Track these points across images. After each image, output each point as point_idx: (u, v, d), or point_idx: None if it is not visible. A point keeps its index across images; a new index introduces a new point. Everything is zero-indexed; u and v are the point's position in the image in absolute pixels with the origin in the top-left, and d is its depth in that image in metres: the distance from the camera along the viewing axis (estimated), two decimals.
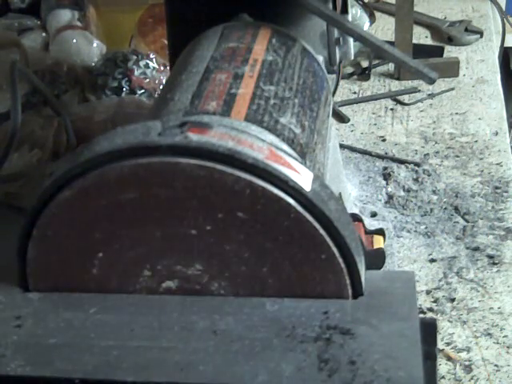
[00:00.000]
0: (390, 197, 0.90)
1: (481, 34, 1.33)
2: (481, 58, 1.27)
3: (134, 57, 1.10)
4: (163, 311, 0.44)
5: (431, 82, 0.67)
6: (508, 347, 0.68)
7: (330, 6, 0.70)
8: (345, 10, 0.70)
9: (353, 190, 0.91)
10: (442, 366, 0.67)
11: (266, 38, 0.63)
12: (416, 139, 1.03)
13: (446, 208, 0.88)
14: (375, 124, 1.09)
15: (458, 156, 0.98)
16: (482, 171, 0.95)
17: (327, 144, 0.63)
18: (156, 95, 1.07)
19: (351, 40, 0.72)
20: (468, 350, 0.68)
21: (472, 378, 0.65)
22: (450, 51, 1.30)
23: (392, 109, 1.13)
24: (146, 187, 0.43)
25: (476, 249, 0.81)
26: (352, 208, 0.84)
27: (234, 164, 0.42)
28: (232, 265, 0.44)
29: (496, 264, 0.79)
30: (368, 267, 0.45)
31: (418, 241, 0.83)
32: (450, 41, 1.32)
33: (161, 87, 1.07)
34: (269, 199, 0.42)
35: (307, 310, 0.43)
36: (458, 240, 0.83)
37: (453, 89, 1.17)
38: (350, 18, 0.70)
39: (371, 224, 0.78)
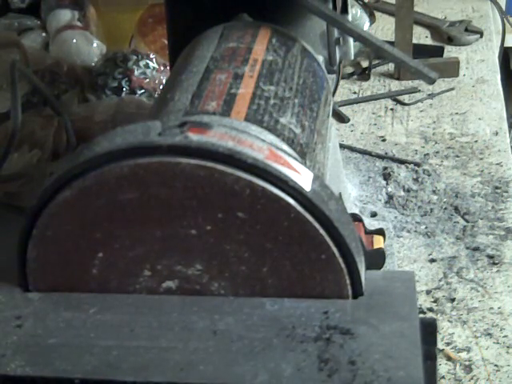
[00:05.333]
0: (390, 197, 0.90)
1: (481, 34, 1.33)
2: (481, 58, 1.27)
3: (134, 57, 1.10)
4: (163, 311, 0.44)
5: (431, 82, 0.67)
6: (508, 347, 0.68)
7: (330, 5, 0.70)
8: (345, 10, 0.70)
9: (353, 190, 0.91)
10: (442, 366, 0.67)
11: (266, 38, 0.63)
12: (416, 139, 1.03)
13: (446, 208, 0.88)
14: (375, 124, 1.09)
15: (458, 156, 0.98)
16: (482, 171, 0.95)
17: (327, 144, 0.63)
18: (156, 95, 1.07)
19: (351, 40, 0.72)
20: (468, 350, 0.68)
21: (472, 378, 0.65)
22: (450, 51, 1.30)
23: (392, 109, 1.13)
24: (145, 187, 0.43)
25: (476, 249, 0.81)
26: (352, 208, 0.84)
27: (234, 164, 0.42)
28: (232, 265, 0.44)
29: (496, 264, 0.79)
30: (368, 267, 0.45)
31: (418, 241, 0.83)
32: (450, 41, 1.32)
33: (161, 87, 1.07)
34: (269, 199, 0.42)
35: (307, 309, 0.43)
36: (458, 240, 0.83)
37: (453, 89, 1.17)
38: (350, 18, 0.70)
39: (371, 224, 0.78)
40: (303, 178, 0.43)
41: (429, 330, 0.41)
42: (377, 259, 0.57)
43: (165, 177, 0.42)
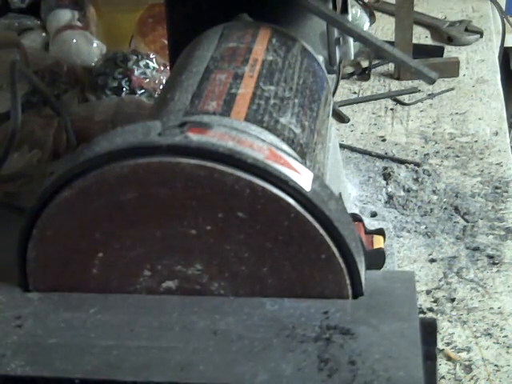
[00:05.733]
0: (390, 197, 0.90)
1: (481, 34, 1.33)
2: (481, 58, 1.27)
3: (134, 57, 1.10)
4: (163, 311, 0.44)
5: (431, 82, 0.67)
6: (508, 347, 0.68)
7: (330, 5, 0.70)
8: (345, 10, 0.70)
9: (353, 190, 0.91)
10: (442, 366, 0.67)
11: (266, 38, 0.63)
12: (416, 139, 1.03)
13: (446, 208, 0.88)
14: (375, 124, 1.09)
15: (458, 156, 0.98)
16: (482, 171, 0.95)
17: (327, 144, 0.63)
18: (156, 95, 1.07)
19: (351, 40, 0.72)
20: (468, 350, 0.68)
21: (472, 378, 0.65)
22: (450, 51, 1.30)
23: (392, 109, 1.13)
24: (146, 187, 0.43)
25: (476, 249, 0.81)
26: (352, 208, 0.84)
27: (234, 164, 0.42)
28: (232, 265, 0.44)
29: (496, 264, 0.79)
30: (368, 267, 0.45)
31: (418, 241, 0.83)
32: (450, 41, 1.32)
33: (161, 87, 1.07)
34: (269, 199, 0.42)
35: (307, 309, 0.43)
36: (457, 240, 0.83)
37: (453, 89, 1.17)
38: (350, 17, 0.70)
39: (371, 224, 0.78)
40: (303, 177, 0.43)
41: (429, 330, 0.41)
42: (377, 259, 0.57)
43: (165, 177, 0.42)
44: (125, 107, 1.00)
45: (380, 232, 0.66)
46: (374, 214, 0.86)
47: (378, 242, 0.64)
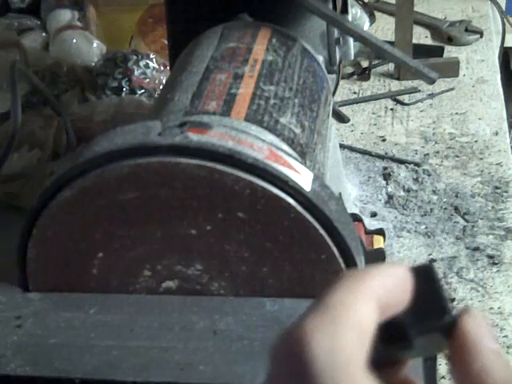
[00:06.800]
0: (390, 197, 0.90)
1: (481, 34, 1.32)
2: (481, 58, 1.27)
3: (134, 57, 1.10)
4: (163, 311, 0.44)
5: (431, 82, 0.67)
6: (508, 347, 0.68)
7: (330, 5, 0.70)
8: (345, 10, 0.70)
9: (353, 190, 0.91)
10: (442, 366, 0.67)
11: (266, 38, 0.63)
12: (416, 139, 1.03)
13: (446, 208, 0.88)
14: (375, 124, 1.08)
15: (458, 156, 0.98)
16: (482, 171, 0.95)
17: (327, 144, 0.63)
18: (156, 95, 1.07)
19: (351, 40, 0.72)
20: None
21: None
22: (450, 51, 1.30)
23: (392, 109, 1.13)
24: (146, 187, 0.43)
25: (476, 249, 0.81)
26: (352, 208, 0.84)
27: (234, 164, 0.42)
28: (232, 265, 0.44)
29: (496, 264, 0.79)
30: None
31: (418, 241, 0.83)
32: (450, 41, 1.32)
33: (161, 87, 1.07)
34: (269, 199, 0.42)
35: None
36: (457, 240, 0.83)
37: (453, 89, 1.17)
38: (350, 18, 0.70)
39: (371, 224, 0.78)
40: (303, 177, 0.43)
41: None
42: (377, 259, 0.57)
43: (165, 177, 0.42)
44: (125, 107, 1.00)
45: (380, 232, 0.66)
46: (374, 214, 0.86)
47: (378, 242, 0.64)
